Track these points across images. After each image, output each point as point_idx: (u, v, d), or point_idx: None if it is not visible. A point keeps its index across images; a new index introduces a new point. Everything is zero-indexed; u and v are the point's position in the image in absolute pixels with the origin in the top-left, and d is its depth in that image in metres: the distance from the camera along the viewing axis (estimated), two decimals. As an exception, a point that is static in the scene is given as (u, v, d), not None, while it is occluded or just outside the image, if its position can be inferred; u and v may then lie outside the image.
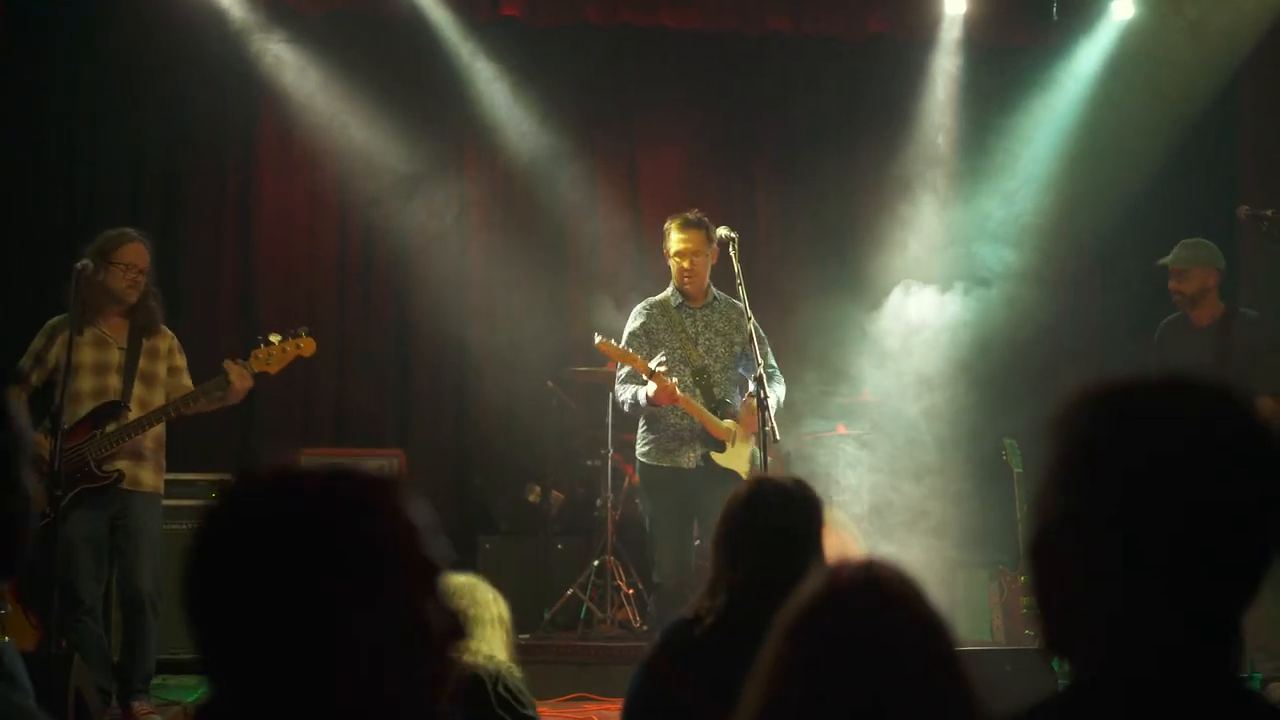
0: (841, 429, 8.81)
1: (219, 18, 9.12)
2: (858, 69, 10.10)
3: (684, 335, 7.00)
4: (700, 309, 7.06)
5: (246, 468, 1.68)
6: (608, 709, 7.10)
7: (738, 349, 7.04)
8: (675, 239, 7.03)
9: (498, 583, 4.02)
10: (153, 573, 6.52)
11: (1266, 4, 9.25)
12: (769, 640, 1.85)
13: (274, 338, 6.74)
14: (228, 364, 6.61)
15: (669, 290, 7.13)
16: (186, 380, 6.77)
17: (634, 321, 7.10)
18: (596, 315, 9.03)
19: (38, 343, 6.62)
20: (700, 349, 6.99)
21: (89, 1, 9.24)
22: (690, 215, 7.06)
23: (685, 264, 7.01)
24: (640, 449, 7.04)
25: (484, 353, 9.59)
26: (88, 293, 6.51)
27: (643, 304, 7.17)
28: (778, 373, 7.11)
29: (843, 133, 10.15)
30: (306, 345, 6.80)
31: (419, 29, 9.49)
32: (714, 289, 7.14)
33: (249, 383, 6.64)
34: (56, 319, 6.60)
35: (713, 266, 7.10)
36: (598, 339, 6.85)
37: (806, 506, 3.56)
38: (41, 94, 9.17)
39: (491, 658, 3.82)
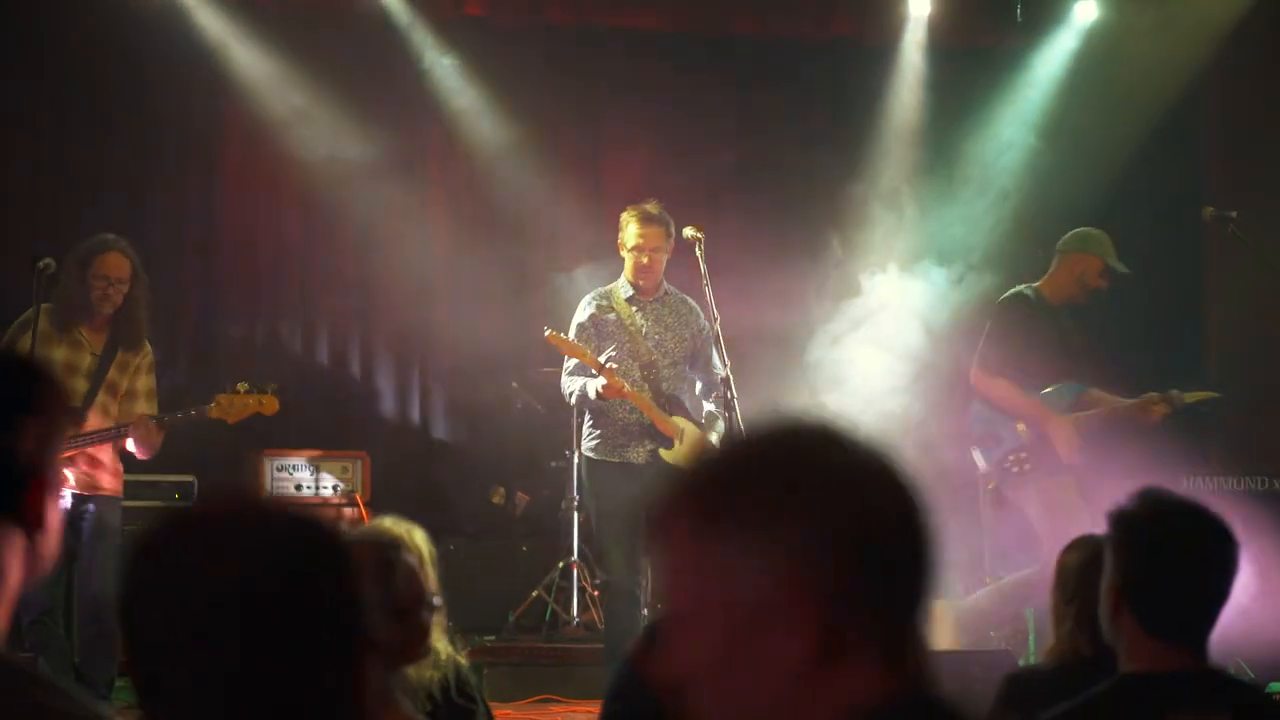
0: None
1: (182, 15, 9.04)
2: (823, 70, 10.10)
3: (633, 328, 6.83)
4: (651, 303, 6.85)
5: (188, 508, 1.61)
6: (573, 711, 7.08)
7: (687, 346, 6.91)
8: (633, 233, 6.79)
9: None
10: (114, 575, 6.43)
11: (1232, 4, 9.29)
12: None
13: (241, 387, 6.71)
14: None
15: (620, 281, 6.93)
16: (141, 406, 6.65)
17: (582, 312, 6.89)
18: (557, 316, 8.98)
19: (12, 331, 6.55)
20: (649, 343, 6.82)
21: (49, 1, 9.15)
22: (650, 208, 6.80)
23: (644, 259, 6.77)
24: (587, 444, 6.85)
25: (448, 353, 9.55)
26: (68, 295, 6.46)
27: (591, 294, 6.95)
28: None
29: (807, 133, 10.13)
30: (269, 404, 6.77)
31: (383, 26, 9.45)
32: (666, 284, 6.95)
33: (143, 434, 6.48)
34: (32, 313, 6.49)
35: (668, 261, 6.90)
36: (547, 331, 6.68)
37: None
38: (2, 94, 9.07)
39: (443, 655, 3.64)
